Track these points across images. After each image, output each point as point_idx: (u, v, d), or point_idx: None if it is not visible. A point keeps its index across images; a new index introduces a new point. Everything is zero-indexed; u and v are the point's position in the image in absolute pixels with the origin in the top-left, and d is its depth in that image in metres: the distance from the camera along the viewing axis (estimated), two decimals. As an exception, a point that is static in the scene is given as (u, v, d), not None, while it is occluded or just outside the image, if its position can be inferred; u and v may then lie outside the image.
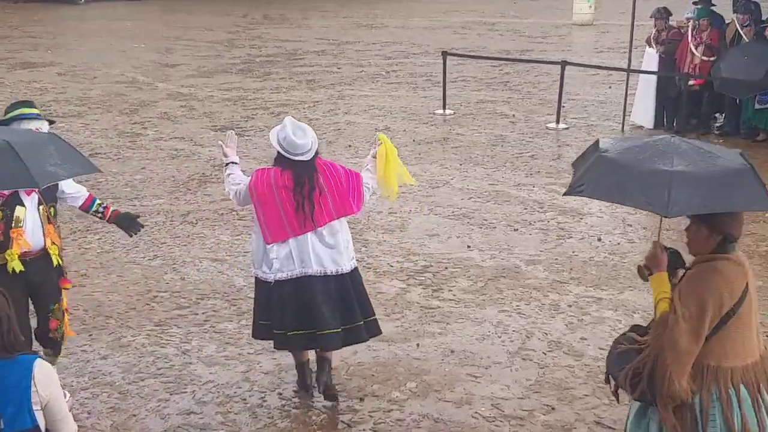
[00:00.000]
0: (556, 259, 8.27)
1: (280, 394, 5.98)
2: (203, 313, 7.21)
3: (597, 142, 4.25)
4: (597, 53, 20.24)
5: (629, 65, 13.32)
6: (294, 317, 5.58)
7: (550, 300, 7.39)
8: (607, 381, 4.39)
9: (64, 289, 5.78)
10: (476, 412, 5.75)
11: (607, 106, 14.70)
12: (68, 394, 5.61)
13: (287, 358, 6.35)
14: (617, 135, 12.54)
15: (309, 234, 5.55)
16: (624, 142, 4.24)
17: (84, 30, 25.20)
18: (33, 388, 3.52)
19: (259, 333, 5.87)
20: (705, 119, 12.94)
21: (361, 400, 5.89)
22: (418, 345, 6.64)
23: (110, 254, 8.44)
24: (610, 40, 22.22)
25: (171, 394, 5.99)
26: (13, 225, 5.38)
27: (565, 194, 4.23)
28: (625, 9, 15.27)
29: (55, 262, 5.62)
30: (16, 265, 5.39)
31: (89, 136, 13.04)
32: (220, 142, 6.10)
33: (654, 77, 13.01)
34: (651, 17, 13.35)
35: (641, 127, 13.11)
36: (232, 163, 5.85)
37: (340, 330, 5.63)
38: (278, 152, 5.57)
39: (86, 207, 5.94)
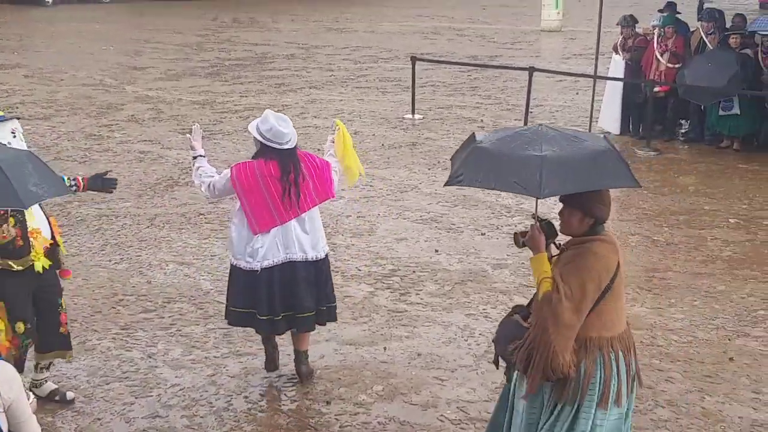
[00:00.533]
0: (523, 263, 8.32)
1: (246, 397, 5.98)
2: (169, 317, 7.18)
3: (473, 135, 4.39)
4: (564, 59, 20.42)
5: (596, 71, 13.43)
6: (281, 302, 5.79)
7: (517, 304, 7.43)
8: (497, 362, 4.53)
9: (65, 279, 5.83)
10: (442, 415, 5.78)
11: (573, 112, 14.82)
12: (32, 396, 5.58)
13: (254, 361, 6.36)
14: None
15: (292, 220, 5.75)
16: (497, 133, 4.41)
17: (52, 32, 25.02)
18: (-6, 392, 3.50)
19: (238, 320, 5.98)
20: (670, 125, 13.09)
21: (328, 403, 5.90)
22: (385, 348, 6.66)
23: (76, 258, 8.38)
24: (577, 46, 22.43)
25: (136, 398, 5.97)
26: (29, 227, 5.39)
27: (445, 185, 4.37)
28: (592, 16, 15.34)
29: (64, 252, 5.69)
30: (45, 263, 5.45)
31: (56, 139, 12.95)
32: (188, 135, 6.19)
33: (620, 84, 13.15)
34: (617, 25, 13.50)
35: (608, 132, 13.24)
36: (200, 156, 6.01)
37: (314, 313, 5.91)
38: (262, 144, 5.75)
39: None
